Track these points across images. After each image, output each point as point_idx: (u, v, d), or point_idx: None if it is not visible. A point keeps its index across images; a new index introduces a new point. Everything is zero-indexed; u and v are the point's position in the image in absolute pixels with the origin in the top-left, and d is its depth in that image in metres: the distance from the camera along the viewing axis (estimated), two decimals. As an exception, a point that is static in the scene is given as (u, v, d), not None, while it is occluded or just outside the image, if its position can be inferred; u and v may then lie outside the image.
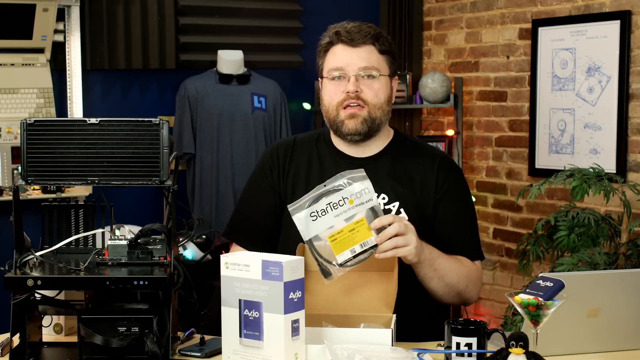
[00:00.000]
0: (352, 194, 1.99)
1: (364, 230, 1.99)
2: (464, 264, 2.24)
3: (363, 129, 2.25)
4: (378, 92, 2.25)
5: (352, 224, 1.99)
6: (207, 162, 4.32)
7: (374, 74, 2.24)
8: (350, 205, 1.99)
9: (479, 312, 4.68)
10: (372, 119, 2.25)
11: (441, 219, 2.27)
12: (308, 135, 2.43)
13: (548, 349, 1.91)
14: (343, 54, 2.25)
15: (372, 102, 2.24)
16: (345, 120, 2.25)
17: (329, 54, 2.28)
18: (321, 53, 2.31)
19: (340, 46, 2.25)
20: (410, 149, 2.35)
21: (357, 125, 2.24)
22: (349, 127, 2.25)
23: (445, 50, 4.96)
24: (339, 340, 1.92)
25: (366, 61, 2.24)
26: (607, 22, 4.01)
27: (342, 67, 2.24)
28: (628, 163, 3.97)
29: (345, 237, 1.99)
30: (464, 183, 2.37)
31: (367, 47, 2.25)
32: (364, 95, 2.23)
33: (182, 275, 1.96)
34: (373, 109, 2.24)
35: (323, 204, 1.99)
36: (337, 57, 2.25)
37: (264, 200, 2.34)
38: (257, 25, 4.67)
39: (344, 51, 2.25)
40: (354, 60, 2.23)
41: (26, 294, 1.93)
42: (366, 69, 2.23)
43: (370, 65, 2.24)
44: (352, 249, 1.99)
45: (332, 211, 1.99)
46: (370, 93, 2.24)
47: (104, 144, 1.93)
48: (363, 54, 2.24)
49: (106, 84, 4.36)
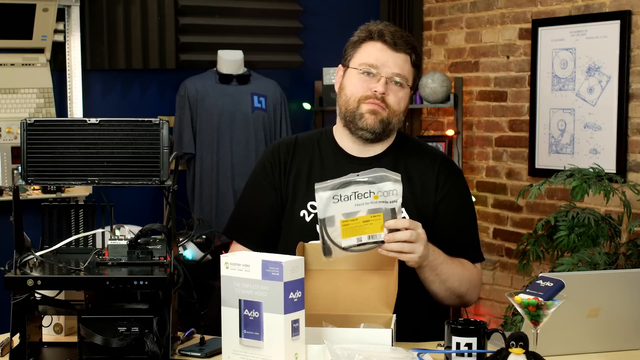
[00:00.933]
0: (380, 191, 2.00)
1: (377, 225, 2.01)
2: (466, 268, 2.24)
3: (379, 129, 2.26)
4: (401, 100, 2.27)
5: (368, 215, 2.01)
6: (207, 162, 4.32)
7: (403, 83, 2.26)
8: (374, 200, 2.00)
9: (479, 312, 4.68)
10: (388, 122, 2.26)
11: (441, 221, 2.27)
12: (309, 135, 2.43)
13: (548, 349, 1.91)
14: (381, 53, 2.25)
15: (393, 108, 2.26)
16: (365, 114, 2.25)
17: (365, 46, 2.28)
18: (355, 43, 2.30)
19: (380, 45, 2.25)
20: (411, 150, 2.35)
21: (375, 122, 2.25)
22: (368, 122, 2.25)
23: (445, 50, 4.96)
24: (339, 340, 1.92)
25: (400, 68, 2.25)
26: (607, 22, 4.01)
27: (377, 65, 2.24)
28: (628, 163, 3.97)
29: (358, 226, 2.01)
30: (465, 184, 2.37)
31: (405, 56, 2.26)
32: (388, 99, 2.25)
33: (182, 275, 1.96)
34: (392, 115, 2.26)
35: (349, 191, 2.01)
36: (374, 54, 2.25)
37: (264, 199, 2.34)
38: (257, 25, 4.67)
39: (383, 51, 2.25)
40: (389, 63, 2.24)
41: (26, 294, 1.93)
42: (399, 76, 2.25)
43: (403, 74, 2.25)
44: (360, 237, 2.01)
45: (356, 200, 2.01)
46: (394, 99, 2.25)
47: (104, 144, 1.93)
48: (399, 60, 2.25)
49: (106, 84, 4.36)
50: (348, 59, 2.31)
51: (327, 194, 2.01)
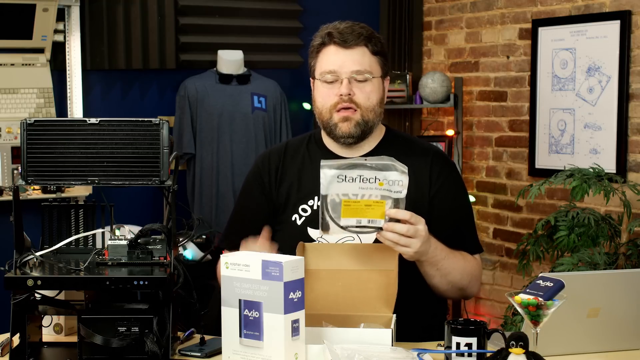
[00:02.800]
0: (386, 179, 2.00)
1: (378, 211, 2.00)
2: (467, 260, 2.24)
3: (356, 132, 2.25)
4: (370, 94, 2.24)
5: (371, 200, 2.00)
6: (207, 162, 4.32)
7: (367, 77, 2.23)
8: (379, 187, 2.00)
9: (479, 312, 4.68)
10: (364, 121, 2.24)
11: (437, 214, 2.26)
12: (299, 139, 2.43)
13: (548, 349, 1.91)
14: (335, 56, 2.23)
15: (365, 105, 2.23)
16: (338, 123, 2.24)
17: (321, 55, 2.27)
18: (313, 54, 2.29)
19: (333, 48, 2.24)
20: (402, 146, 2.34)
21: (350, 128, 2.24)
22: (343, 130, 2.25)
23: (445, 50, 4.96)
24: (339, 340, 1.92)
25: (359, 64, 2.22)
26: (607, 22, 4.01)
27: (334, 70, 2.23)
28: (628, 163, 3.97)
29: (359, 208, 2.00)
30: (459, 177, 2.37)
31: (360, 49, 2.23)
32: (356, 98, 2.23)
33: (182, 275, 1.96)
34: (365, 112, 2.24)
35: (355, 173, 2.00)
36: (330, 60, 2.24)
37: (257, 207, 2.34)
38: (257, 25, 4.67)
39: (336, 53, 2.23)
40: (346, 63, 2.22)
41: (26, 294, 1.93)
42: (359, 72, 2.22)
43: (363, 69, 2.23)
44: (359, 220, 2.01)
45: (360, 183, 2.01)
46: (363, 96, 2.23)
47: (104, 144, 1.93)
48: (356, 56, 2.23)
49: (106, 84, 4.36)
50: (313, 71, 2.30)
51: (332, 172, 2.01)
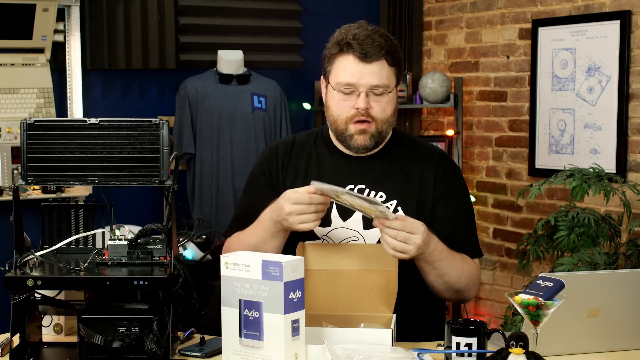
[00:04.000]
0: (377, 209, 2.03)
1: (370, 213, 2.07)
2: (466, 264, 2.24)
3: (371, 144, 2.26)
4: (386, 107, 2.24)
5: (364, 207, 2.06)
6: (207, 162, 4.32)
7: (384, 91, 2.22)
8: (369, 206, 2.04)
9: (479, 312, 4.68)
10: (379, 133, 2.25)
11: (440, 217, 2.27)
12: (306, 135, 2.43)
13: (548, 349, 1.91)
14: (354, 69, 2.20)
15: (380, 118, 2.23)
16: (354, 135, 2.25)
17: (339, 63, 2.24)
18: (330, 59, 2.27)
19: (352, 58, 2.21)
20: (408, 147, 2.35)
21: (365, 141, 2.25)
22: (358, 143, 2.25)
23: (445, 50, 4.96)
24: (339, 340, 1.92)
25: (377, 78, 2.20)
26: (607, 22, 4.01)
27: (353, 83, 2.21)
28: (628, 163, 3.97)
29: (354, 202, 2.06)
30: (462, 181, 2.38)
31: (380, 62, 2.21)
32: (373, 111, 2.22)
33: (182, 275, 1.96)
34: (380, 124, 2.24)
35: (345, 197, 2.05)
36: (348, 72, 2.21)
37: (262, 199, 2.34)
38: (257, 25, 4.67)
39: (356, 66, 2.20)
40: (365, 77, 2.20)
41: (26, 294, 1.93)
42: (377, 87, 2.21)
43: (381, 83, 2.21)
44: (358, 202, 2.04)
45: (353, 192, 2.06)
46: (379, 109, 2.23)
47: (104, 144, 1.93)
48: (375, 70, 2.20)
49: (106, 84, 4.36)
50: (327, 74, 2.29)
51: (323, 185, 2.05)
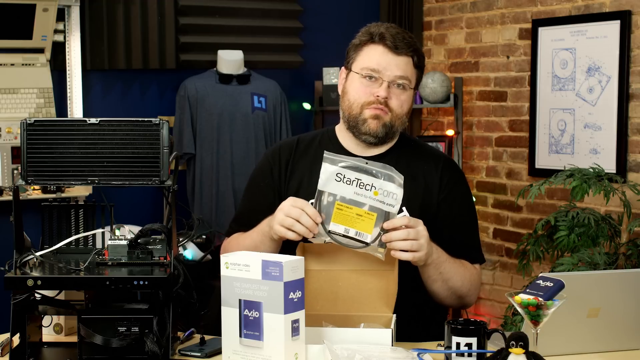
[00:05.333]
0: (382, 190, 2.01)
1: (368, 223, 2.02)
2: (467, 268, 2.24)
3: (382, 132, 2.26)
4: (404, 103, 2.25)
5: (363, 210, 2.02)
6: (207, 162, 4.31)
7: (405, 85, 2.24)
8: (373, 196, 2.02)
9: (479, 312, 4.68)
10: (391, 125, 2.26)
11: (443, 221, 2.27)
12: (311, 135, 2.43)
13: (548, 349, 1.91)
14: (383, 57, 2.23)
15: (397, 112, 2.25)
16: (368, 119, 2.25)
17: (367, 50, 2.26)
18: (357, 46, 2.28)
19: (382, 48, 2.24)
20: (414, 150, 2.36)
21: (378, 127, 2.24)
22: (371, 127, 2.25)
23: (445, 50, 4.96)
24: (339, 340, 1.92)
25: (403, 71, 2.23)
26: (607, 22, 4.01)
27: (379, 69, 2.23)
28: (628, 163, 3.97)
29: (350, 216, 2.02)
30: (466, 186, 2.38)
31: (407, 58, 2.24)
32: (391, 103, 2.24)
33: (182, 275, 1.96)
34: (395, 118, 2.25)
35: (353, 175, 2.02)
36: (376, 59, 2.23)
37: (262, 200, 2.34)
38: (257, 25, 4.67)
39: (385, 55, 2.23)
40: (391, 67, 2.22)
41: (26, 294, 1.93)
42: (401, 78, 2.23)
43: (405, 76, 2.23)
44: (348, 229, 2.02)
45: (356, 188, 2.02)
46: (397, 103, 2.24)
47: (104, 144, 1.93)
48: (401, 63, 2.23)
49: (106, 84, 4.36)
50: (350, 62, 2.29)
51: (333, 168, 2.03)
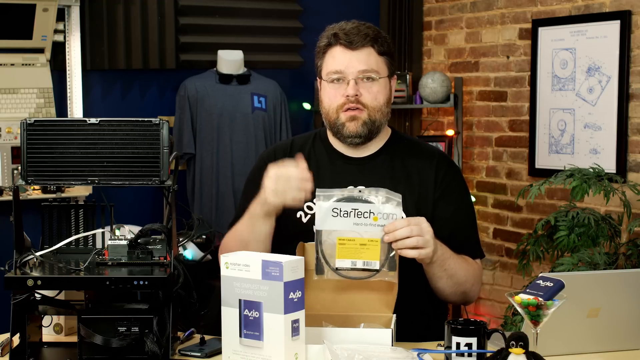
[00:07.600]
0: (381, 213, 2.00)
1: (374, 251, 2.00)
2: (469, 263, 2.24)
3: (363, 132, 2.25)
4: (377, 94, 2.25)
5: (366, 239, 2.00)
6: (207, 162, 4.32)
7: (373, 77, 2.24)
8: (373, 222, 2.00)
9: (479, 312, 4.68)
10: (372, 121, 2.25)
11: (440, 218, 2.27)
12: (305, 137, 2.43)
13: (548, 349, 1.91)
14: (342, 57, 2.24)
15: (372, 105, 2.24)
16: (345, 123, 2.25)
17: (328, 56, 2.27)
18: (319, 54, 2.30)
19: (339, 48, 2.25)
20: (407, 148, 2.35)
21: (357, 127, 2.24)
22: (350, 130, 2.25)
23: (445, 50, 4.96)
24: (339, 340, 1.92)
25: (365, 64, 2.23)
26: (607, 22, 4.01)
27: (341, 70, 2.23)
28: (628, 163, 3.97)
29: (354, 248, 2.00)
30: (462, 181, 2.37)
31: (366, 50, 2.24)
32: (363, 98, 2.23)
33: (182, 275, 1.96)
34: (372, 112, 2.25)
35: (349, 207, 2.00)
36: (336, 60, 2.25)
37: None
38: (257, 25, 4.67)
39: (343, 54, 2.24)
40: (352, 63, 2.23)
41: (26, 294, 1.93)
42: (365, 72, 2.23)
43: (370, 68, 2.23)
44: (354, 261, 2.01)
45: (354, 218, 2.00)
46: (370, 96, 2.24)
47: (104, 144, 1.93)
48: (362, 56, 2.23)
49: (106, 84, 4.36)
50: (319, 71, 2.31)
51: (328, 205, 2.01)
